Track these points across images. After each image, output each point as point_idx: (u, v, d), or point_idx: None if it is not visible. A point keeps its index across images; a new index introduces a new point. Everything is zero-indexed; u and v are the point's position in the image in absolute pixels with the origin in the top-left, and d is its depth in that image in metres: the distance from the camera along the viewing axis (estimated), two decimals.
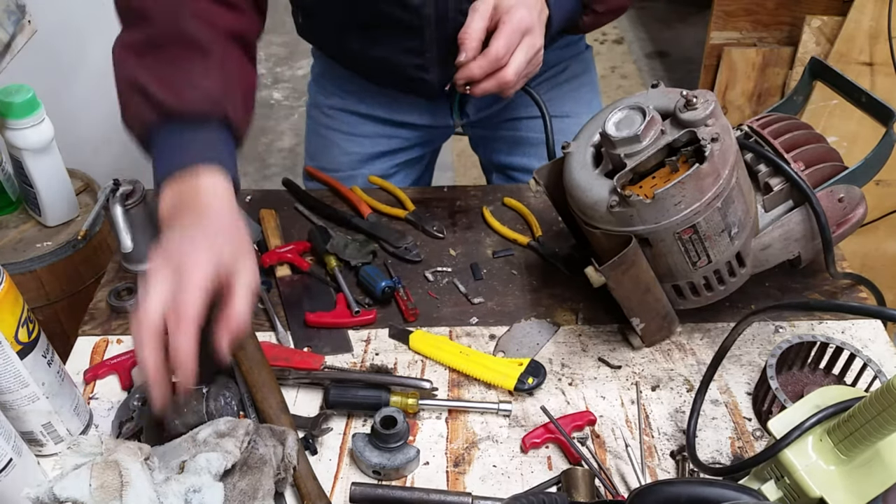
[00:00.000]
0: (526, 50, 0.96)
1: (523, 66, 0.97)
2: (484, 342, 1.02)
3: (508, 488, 0.85)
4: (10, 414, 0.82)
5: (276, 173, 3.06)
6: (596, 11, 1.07)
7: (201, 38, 0.89)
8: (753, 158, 0.95)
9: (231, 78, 0.91)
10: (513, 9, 0.95)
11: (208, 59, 0.89)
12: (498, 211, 1.22)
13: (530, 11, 0.96)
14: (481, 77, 0.96)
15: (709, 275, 0.92)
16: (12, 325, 0.78)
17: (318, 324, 1.03)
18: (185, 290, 0.73)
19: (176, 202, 0.82)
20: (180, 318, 0.73)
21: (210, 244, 0.76)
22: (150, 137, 0.88)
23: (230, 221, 0.81)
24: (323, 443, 0.90)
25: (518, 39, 0.95)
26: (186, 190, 0.82)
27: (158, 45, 0.89)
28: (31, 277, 1.38)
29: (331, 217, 1.21)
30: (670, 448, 0.89)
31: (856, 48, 1.95)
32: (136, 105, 0.87)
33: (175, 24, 0.89)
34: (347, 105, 1.34)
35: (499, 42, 0.94)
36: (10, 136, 1.31)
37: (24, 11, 1.48)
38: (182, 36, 0.88)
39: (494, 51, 0.94)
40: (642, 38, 3.86)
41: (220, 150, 0.87)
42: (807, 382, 0.94)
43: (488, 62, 0.94)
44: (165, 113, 0.85)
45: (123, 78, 0.91)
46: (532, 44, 0.96)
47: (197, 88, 0.86)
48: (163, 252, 0.77)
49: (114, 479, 0.73)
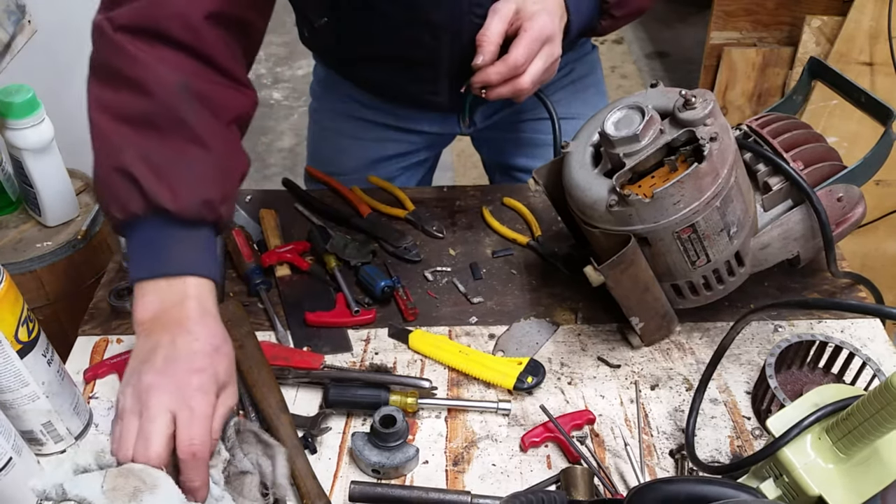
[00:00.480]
0: (545, 59, 0.95)
1: (540, 75, 0.96)
2: (483, 341, 1.02)
3: (507, 487, 0.85)
4: (9, 413, 0.82)
5: (276, 173, 3.06)
6: (614, 16, 1.06)
7: (204, 130, 0.81)
8: (752, 158, 0.95)
9: (228, 174, 0.85)
10: (535, 15, 0.93)
11: (209, 154, 0.81)
12: (497, 211, 1.22)
13: (552, 18, 0.94)
14: (498, 83, 0.95)
15: (708, 274, 0.92)
16: (12, 324, 0.78)
17: (317, 323, 1.03)
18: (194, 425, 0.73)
19: (158, 311, 0.78)
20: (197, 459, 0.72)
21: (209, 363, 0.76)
22: (129, 226, 0.81)
23: (222, 339, 0.79)
24: (322, 442, 0.90)
25: (538, 48, 0.94)
26: (171, 300, 0.78)
27: (155, 126, 0.80)
28: (31, 277, 1.38)
29: (330, 217, 1.21)
30: (669, 447, 0.89)
31: (856, 48, 1.95)
32: (123, 191, 0.79)
33: (176, 108, 0.80)
34: (353, 111, 1.32)
35: (519, 50, 0.92)
36: (10, 136, 1.31)
37: (24, 11, 1.48)
38: (182, 123, 0.80)
39: (514, 59, 0.92)
40: (642, 38, 3.86)
41: (207, 256, 0.82)
42: (806, 381, 0.94)
43: (507, 69, 0.93)
44: (154, 208, 0.78)
45: (109, 154, 0.80)
46: (551, 52, 0.96)
47: (195, 189, 0.79)
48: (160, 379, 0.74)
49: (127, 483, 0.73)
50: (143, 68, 0.80)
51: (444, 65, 1.10)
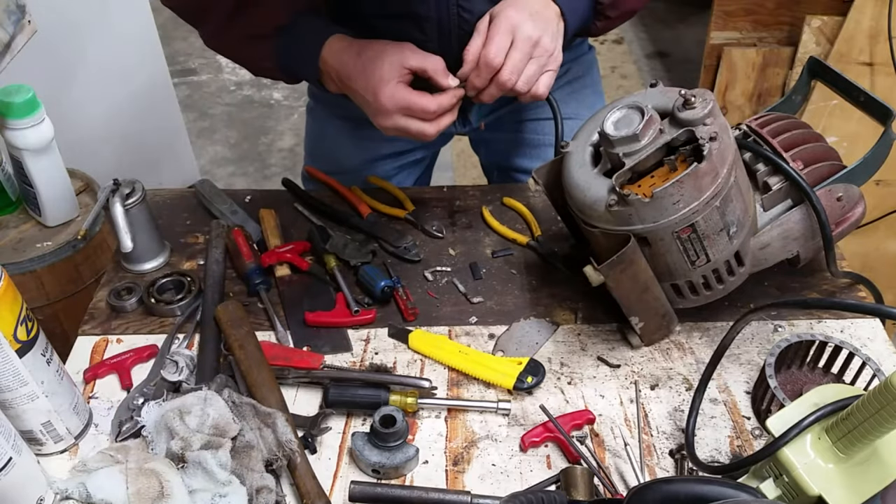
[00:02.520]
0: (521, 47, 0.97)
1: (522, 64, 0.98)
2: (483, 341, 1.02)
3: (507, 487, 0.85)
4: (9, 413, 0.82)
5: (277, 173, 3.06)
6: (608, 17, 1.09)
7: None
8: (752, 157, 0.95)
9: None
10: (500, 12, 0.98)
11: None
12: (497, 211, 1.22)
13: (519, 11, 0.98)
14: (483, 85, 0.99)
15: (707, 274, 0.92)
16: (11, 323, 0.78)
17: (317, 323, 1.03)
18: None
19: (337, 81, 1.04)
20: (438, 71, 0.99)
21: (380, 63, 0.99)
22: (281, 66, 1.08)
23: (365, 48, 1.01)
24: (322, 442, 0.90)
25: (508, 40, 0.97)
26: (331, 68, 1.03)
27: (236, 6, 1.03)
28: (31, 277, 1.38)
29: (330, 217, 1.21)
30: (669, 447, 0.89)
31: (856, 48, 1.95)
32: (256, 50, 1.07)
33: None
34: (350, 110, 1.33)
35: (489, 48, 0.97)
36: (10, 136, 1.31)
37: (24, 11, 1.48)
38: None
39: (484, 57, 0.97)
40: (642, 38, 3.86)
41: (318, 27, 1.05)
42: (805, 381, 0.94)
43: (485, 69, 0.98)
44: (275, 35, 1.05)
45: (233, 46, 1.10)
46: (527, 37, 0.98)
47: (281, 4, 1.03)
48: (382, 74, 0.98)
49: (150, 486, 0.74)
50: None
51: (433, 43, 1.10)
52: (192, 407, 0.83)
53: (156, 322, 1.05)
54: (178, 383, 0.93)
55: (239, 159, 3.17)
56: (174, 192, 1.29)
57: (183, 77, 3.58)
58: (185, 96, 3.46)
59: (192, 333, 1.02)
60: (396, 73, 0.98)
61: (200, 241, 1.18)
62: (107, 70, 2.20)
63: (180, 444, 0.80)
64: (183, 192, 1.29)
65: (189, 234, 1.19)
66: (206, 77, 3.61)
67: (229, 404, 0.84)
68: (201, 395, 0.85)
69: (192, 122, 3.30)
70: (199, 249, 1.16)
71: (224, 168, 3.12)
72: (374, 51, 1.00)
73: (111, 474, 0.76)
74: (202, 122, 3.35)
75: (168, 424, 0.82)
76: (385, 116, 0.99)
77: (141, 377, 0.96)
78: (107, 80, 2.20)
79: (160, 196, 1.27)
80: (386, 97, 0.97)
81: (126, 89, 2.29)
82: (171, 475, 0.77)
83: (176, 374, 0.94)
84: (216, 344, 0.98)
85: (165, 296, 1.07)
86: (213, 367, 0.95)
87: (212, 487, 0.77)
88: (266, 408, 0.85)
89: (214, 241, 1.11)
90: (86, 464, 0.80)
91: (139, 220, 1.07)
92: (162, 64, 2.43)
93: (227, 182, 3.03)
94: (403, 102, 0.97)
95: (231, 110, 3.42)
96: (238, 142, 3.25)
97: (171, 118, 2.56)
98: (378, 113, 1.00)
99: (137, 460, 0.79)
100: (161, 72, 2.44)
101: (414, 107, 0.98)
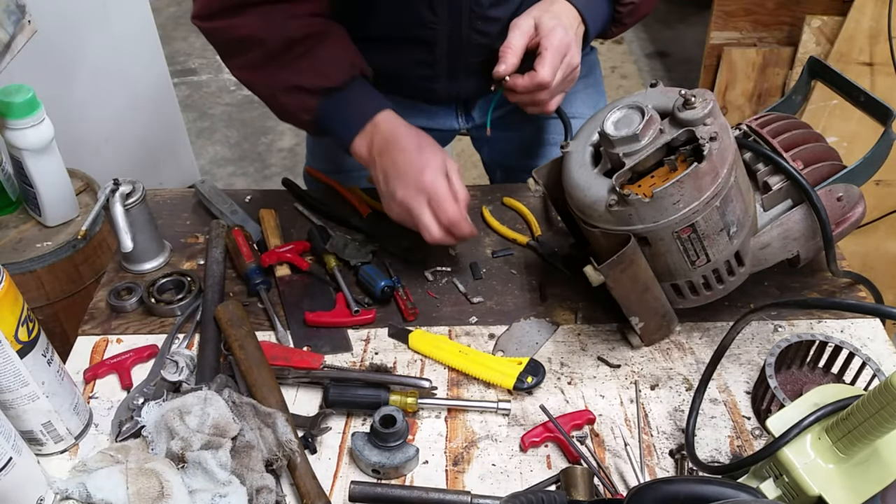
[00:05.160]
0: (564, 70, 1.04)
1: (560, 87, 1.05)
2: (483, 341, 1.02)
3: (507, 487, 0.85)
4: (9, 413, 0.82)
5: (277, 173, 3.06)
6: (625, 23, 1.14)
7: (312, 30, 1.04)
8: (752, 157, 0.95)
9: (347, 43, 1.08)
10: (553, 31, 1.02)
11: (328, 39, 1.05)
12: (497, 211, 1.22)
13: (567, 32, 1.03)
14: (522, 93, 1.05)
15: (707, 274, 0.92)
16: (12, 324, 0.78)
17: (317, 323, 1.03)
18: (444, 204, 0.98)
19: (379, 144, 1.03)
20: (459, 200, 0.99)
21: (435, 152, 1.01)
22: (317, 119, 1.07)
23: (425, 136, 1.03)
24: (322, 442, 0.90)
25: (559, 62, 1.03)
26: (381, 132, 1.03)
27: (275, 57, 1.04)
28: (31, 277, 1.38)
29: (330, 217, 1.21)
30: (669, 447, 0.89)
31: (856, 48, 1.95)
32: (297, 100, 1.06)
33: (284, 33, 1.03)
34: None
35: (545, 69, 1.02)
36: (10, 136, 1.31)
37: (24, 11, 1.48)
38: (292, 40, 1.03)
39: (541, 76, 1.02)
40: (642, 38, 3.86)
41: (375, 95, 1.07)
42: (806, 381, 0.94)
43: (533, 84, 1.03)
44: (324, 93, 1.04)
45: (269, 87, 1.08)
46: (569, 62, 1.04)
47: (334, 64, 1.05)
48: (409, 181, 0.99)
49: (150, 486, 0.74)
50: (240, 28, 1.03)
51: (442, 45, 1.13)
52: (192, 407, 0.83)
53: (156, 322, 1.05)
54: (178, 383, 0.93)
55: (239, 159, 3.17)
56: (174, 192, 1.29)
57: (183, 77, 3.58)
58: (184, 96, 3.46)
59: (192, 333, 1.02)
60: (443, 166, 1.01)
61: (200, 241, 1.18)
62: (107, 70, 2.20)
63: (180, 444, 0.80)
64: (183, 192, 1.29)
65: (189, 234, 1.19)
66: (206, 77, 3.61)
67: (229, 404, 0.84)
68: (201, 395, 0.84)
69: (191, 122, 3.30)
70: (199, 249, 1.16)
71: (224, 168, 3.12)
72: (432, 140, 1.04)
73: (111, 474, 0.76)
74: (202, 122, 3.35)
75: (168, 424, 0.82)
76: (412, 192, 0.99)
77: (141, 377, 0.96)
78: (107, 80, 2.20)
79: (160, 196, 1.27)
80: (428, 176, 0.99)
81: (126, 89, 2.29)
82: (171, 475, 0.77)
83: (176, 374, 0.94)
84: (216, 344, 0.98)
85: (165, 296, 1.07)
86: (213, 367, 0.95)
87: (212, 487, 0.77)
88: (266, 408, 0.85)
89: (214, 241, 1.11)
90: (86, 464, 0.80)
91: (139, 221, 1.07)
92: (162, 64, 2.43)
93: (227, 182, 3.03)
94: (435, 189, 0.98)
95: (231, 110, 3.42)
96: (238, 142, 3.25)
97: (170, 118, 2.56)
98: (407, 186, 0.99)
99: (137, 460, 0.79)
100: (161, 72, 2.44)
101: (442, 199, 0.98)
